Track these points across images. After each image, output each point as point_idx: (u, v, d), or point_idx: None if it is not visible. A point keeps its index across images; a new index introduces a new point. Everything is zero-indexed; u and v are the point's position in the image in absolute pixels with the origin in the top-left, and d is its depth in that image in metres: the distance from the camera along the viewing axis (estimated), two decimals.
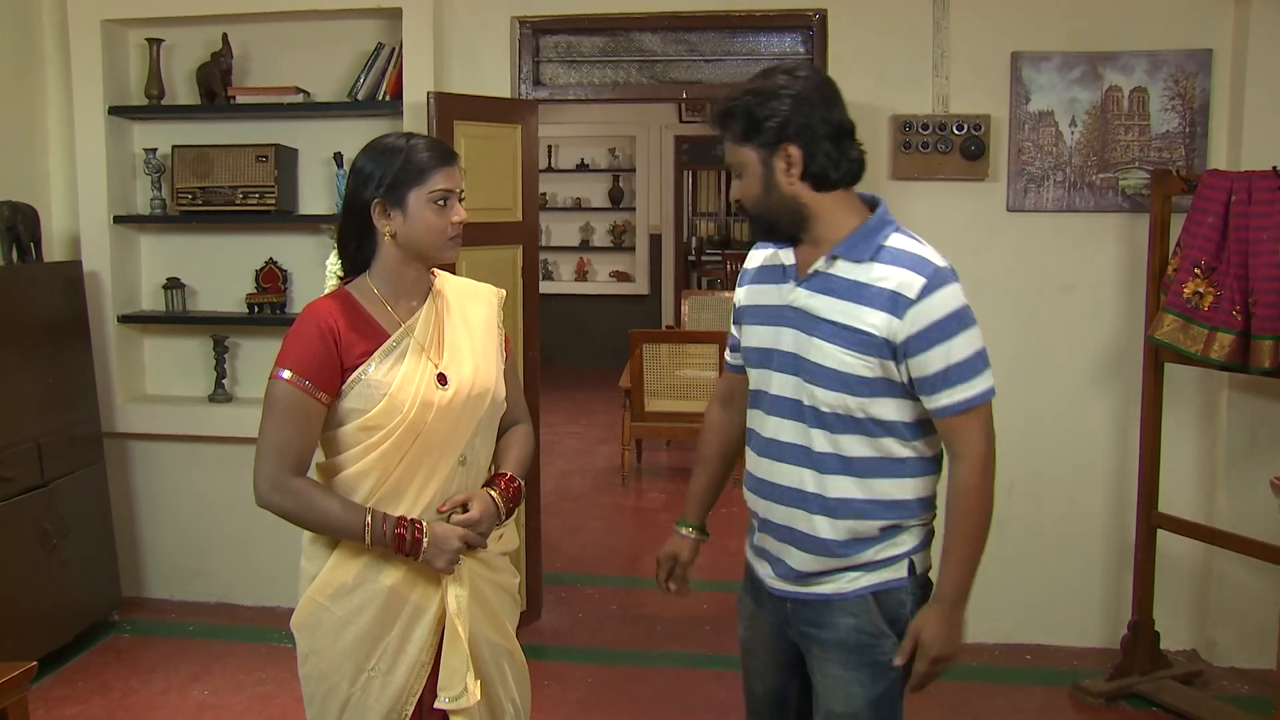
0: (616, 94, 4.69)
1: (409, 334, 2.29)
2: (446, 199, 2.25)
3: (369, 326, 2.27)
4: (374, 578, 2.26)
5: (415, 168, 2.23)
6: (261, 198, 4.53)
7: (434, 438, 2.27)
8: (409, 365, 2.26)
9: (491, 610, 2.40)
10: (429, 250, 2.28)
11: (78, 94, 4.53)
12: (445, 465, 2.30)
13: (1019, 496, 4.38)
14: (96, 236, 4.60)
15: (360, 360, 2.24)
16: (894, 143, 4.29)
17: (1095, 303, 4.29)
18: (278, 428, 2.20)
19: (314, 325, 2.23)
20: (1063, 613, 4.41)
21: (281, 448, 2.19)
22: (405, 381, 2.24)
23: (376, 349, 2.25)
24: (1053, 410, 4.35)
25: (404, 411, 2.23)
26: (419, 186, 2.23)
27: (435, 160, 2.25)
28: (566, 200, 11.41)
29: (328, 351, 2.21)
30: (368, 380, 2.23)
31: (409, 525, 2.22)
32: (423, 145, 2.26)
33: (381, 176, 2.23)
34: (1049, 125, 4.21)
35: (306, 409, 2.20)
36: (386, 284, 2.31)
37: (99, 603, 4.50)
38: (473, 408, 2.32)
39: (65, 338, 4.36)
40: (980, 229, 4.31)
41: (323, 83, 4.63)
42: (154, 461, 4.80)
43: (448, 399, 2.27)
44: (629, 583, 5.28)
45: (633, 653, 4.45)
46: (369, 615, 2.26)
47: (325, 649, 2.28)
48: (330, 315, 2.25)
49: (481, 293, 2.48)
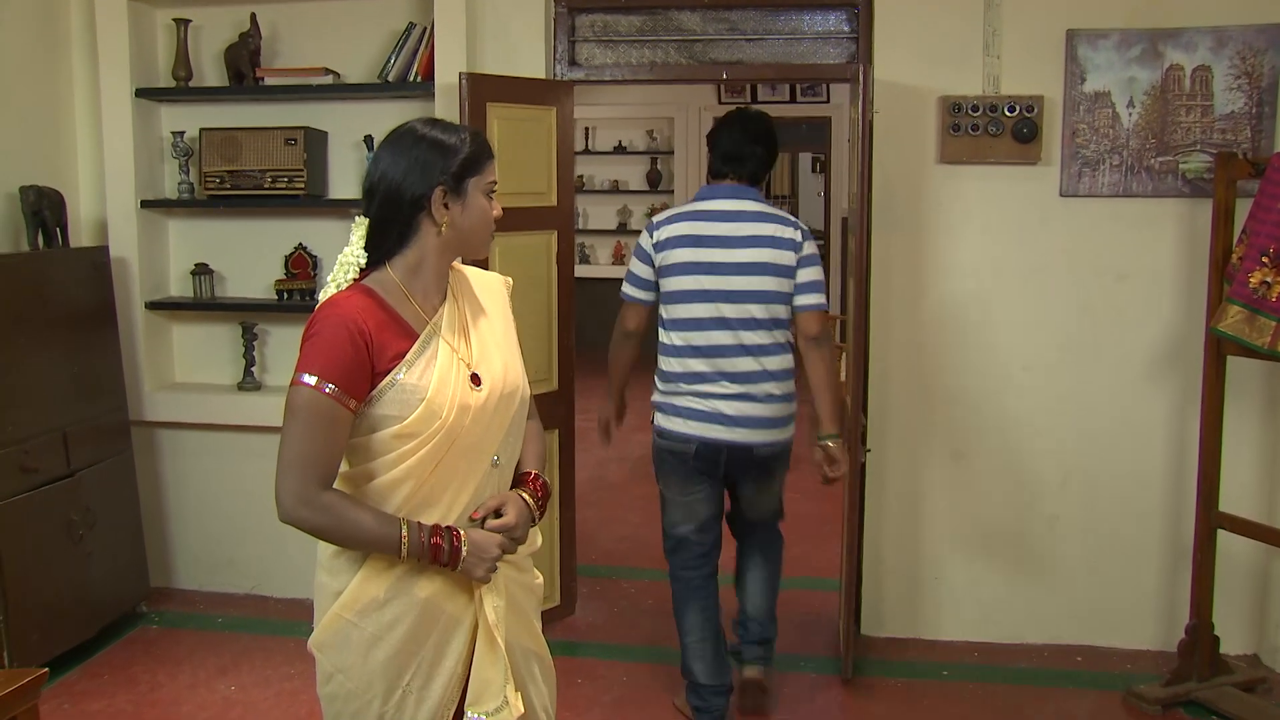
0: (654, 75, 4.55)
1: (437, 332, 2.15)
2: (494, 191, 2.20)
3: (399, 325, 2.12)
4: (408, 590, 2.13)
5: (476, 156, 2.15)
6: (290, 181, 4.43)
7: (469, 440, 2.14)
8: (442, 367, 2.12)
9: (524, 613, 2.29)
10: (478, 242, 2.19)
11: (104, 76, 4.45)
12: (479, 468, 2.17)
13: (1071, 492, 4.24)
14: (123, 222, 4.52)
15: (393, 363, 2.08)
16: (942, 125, 4.13)
17: (1152, 292, 4.11)
18: (302, 438, 2.03)
19: (342, 326, 2.05)
20: (1115, 614, 4.25)
21: (308, 460, 2.03)
22: (442, 384, 2.10)
23: (409, 350, 2.11)
24: (1107, 404, 4.19)
25: (443, 417, 2.09)
26: (478, 176, 2.14)
27: (488, 151, 2.20)
28: (604, 183, 11.28)
29: (358, 355, 2.04)
30: (401, 385, 2.08)
31: (446, 534, 2.09)
32: (475, 135, 2.19)
33: (445, 165, 2.11)
34: (1105, 106, 4.03)
35: (334, 417, 2.04)
36: (416, 278, 2.16)
37: (126, 594, 4.43)
38: (505, 406, 2.20)
39: (92, 325, 4.28)
40: (1032, 215, 4.15)
41: (353, 64, 4.53)
42: (183, 450, 4.73)
43: (483, 400, 2.15)
44: (665, 576, 5.12)
45: (669, 650, 4.30)
46: (403, 630, 2.14)
47: (353, 667, 2.15)
48: (360, 315, 2.07)
49: (493, 283, 2.37)
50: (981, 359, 4.24)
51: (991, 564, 4.32)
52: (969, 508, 4.32)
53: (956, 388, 4.26)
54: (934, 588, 4.37)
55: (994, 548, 4.31)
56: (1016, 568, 4.31)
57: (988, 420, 4.26)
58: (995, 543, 4.31)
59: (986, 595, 4.34)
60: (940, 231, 4.19)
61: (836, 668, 4.13)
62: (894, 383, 4.29)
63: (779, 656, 4.20)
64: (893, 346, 4.28)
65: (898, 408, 4.30)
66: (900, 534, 4.36)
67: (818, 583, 4.99)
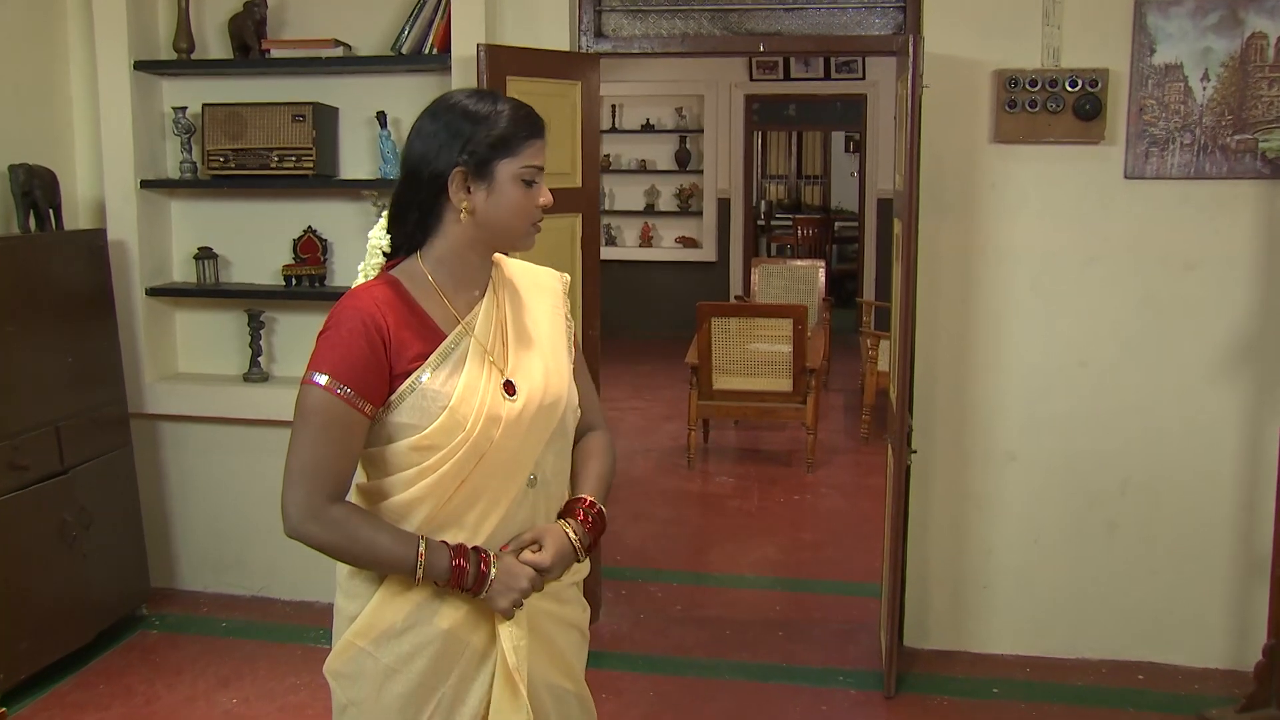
0: (686, 47, 4.25)
1: (469, 333, 1.90)
2: (536, 178, 1.88)
3: (423, 323, 1.89)
4: (428, 619, 1.89)
5: (510, 135, 1.85)
6: (299, 160, 4.18)
7: (501, 456, 1.89)
8: (471, 372, 1.87)
9: (557, 651, 2.02)
10: (509, 236, 1.91)
11: (100, 47, 4.19)
12: (512, 488, 1.92)
13: (1132, 498, 3.95)
14: (122, 203, 4.28)
15: (414, 365, 1.85)
16: (997, 102, 3.83)
17: (1225, 281, 3.80)
18: (312, 445, 1.81)
19: (359, 321, 1.83)
20: (1181, 629, 3.96)
21: (317, 469, 1.81)
22: (468, 392, 1.86)
23: (433, 351, 1.87)
24: (1172, 403, 3.90)
25: (467, 429, 1.85)
26: (510, 159, 1.85)
27: (531, 130, 1.88)
28: (631, 162, 10.96)
29: (375, 354, 1.82)
30: (422, 390, 1.85)
31: (472, 555, 1.85)
32: (516, 109, 1.88)
33: (468, 140, 1.84)
34: (1177, 80, 3.71)
35: (347, 423, 1.82)
36: (446, 270, 1.92)
37: (125, 597, 4.20)
38: (544, 419, 1.93)
39: (88, 312, 4.04)
40: (1093, 198, 3.85)
41: (364, 35, 4.26)
42: (186, 444, 4.50)
43: (517, 411, 1.89)
44: (695, 579, 4.90)
45: (698, 661, 4.08)
46: (422, 664, 1.90)
47: (367, 701, 1.92)
48: (379, 309, 1.85)
49: (544, 279, 2.10)
50: (1036, 354, 3.96)
51: (1045, 572, 4.05)
52: (1021, 512, 4.04)
53: (1009, 384, 3.98)
54: (983, 597, 4.10)
55: (1048, 555, 4.04)
56: (1072, 577, 4.03)
57: (1042, 420, 3.98)
58: (1049, 550, 4.03)
59: (1039, 606, 4.07)
60: (993, 216, 3.90)
61: (878, 683, 3.86)
62: (941, 378, 4.01)
63: (813, 670, 3.95)
64: (940, 339, 4.00)
65: (945, 405, 4.02)
66: (947, 539, 4.09)
67: (855, 588, 4.73)
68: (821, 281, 8.21)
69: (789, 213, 11.38)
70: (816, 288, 8.17)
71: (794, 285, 8.22)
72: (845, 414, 7.80)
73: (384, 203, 4.21)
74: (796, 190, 11.66)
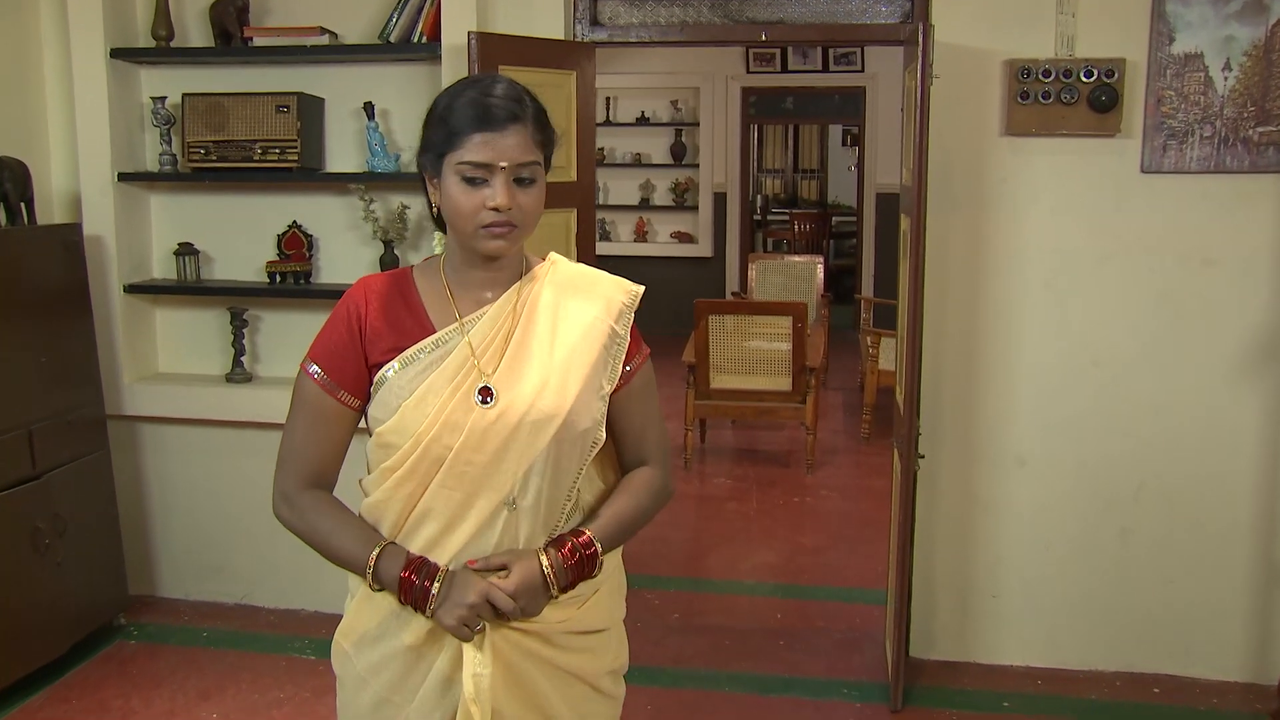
0: (685, 36, 4.09)
1: (463, 334, 1.76)
2: (482, 176, 1.68)
3: (412, 316, 1.79)
4: (395, 632, 1.77)
5: (452, 127, 1.69)
6: (283, 153, 4.03)
7: (467, 470, 1.73)
8: (443, 373, 1.74)
9: (540, 697, 1.81)
10: (461, 238, 1.76)
11: (75, 34, 4.02)
12: (484, 507, 1.75)
13: (1147, 503, 3.82)
14: (98, 196, 4.12)
15: (386, 357, 1.76)
16: (1008, 93, 3.69)
17: (1245, 279, 3.66)
18: (296, 428, 1.81)
19: (344, 308, 1.81)
20: (1197, 639, 3.82)
21: (293, 453, 1.79)
22: (429, 392, 1.73)
23: (409, 346, 1.76)
24: (1190, 405, 3.76)
25: (418, 431, 1.72)
26: (453, 152, 1.69)
27: (477, 121, 1.68)
28: (625, 156, 10.78)
29: (352, 340, 1.78)
30: (390, 384, 1.76)
31: (422, 568, 1.72)
32: (473, 95, 1.70)
33: (427, 131, 1.76)
34: (1197, 70, 3.57)
35: (323, 410, 1.78)
36: (453, 268, 1.82)
37: (102, 606, 4.04)
38: (529, 436, 1.74)
39: (63, 310, 3.88)
40: (1108, 194, 3.71)
41: (351, 23, 4.10)
42: (166, 447, 4.34)
43: (489, 421, 1.72)
44: (692, 585, 4.76)
45: (697, 673, 3.93)
46: (387, 677, 1.79)
47: (348, 705, 1.86)
48: (365, 296, 1.80)
49: (601, 288, 1.87)
50: (1048, 354, 3.81)
51: (1056, 581, 3.91)
52: (1031, 518, 3.90)
53: (1019, 386, 3.84)
54: (992, 606, 3.96)
55: (1059, 563, 3.90)
56: (1084, 586, 3.89)
57: (1053, 422, 3.84)
58: (1061, 557, 3.90)
59: (1051, 616, 3.93)
60: (1003, 211, 3.76)
61: (883, 695, 3.73)
62: (949, 379, 3.87)
63: (816, 682, 3.81)
64: (948, 339, 3.85)
65: (953, 407, 3.88)
66: (954, 546, 3.95)
67: (858, 594, 4.59)
68: (820, 277, 8.07)
69: (785, 207, 11.23)
70: (815, 284, 8.03)
71: (791, 281, 8.07)
72: (845, 413, 7.66)
73: (371, 196, 4.06)
74: (793, 185, 11.51)
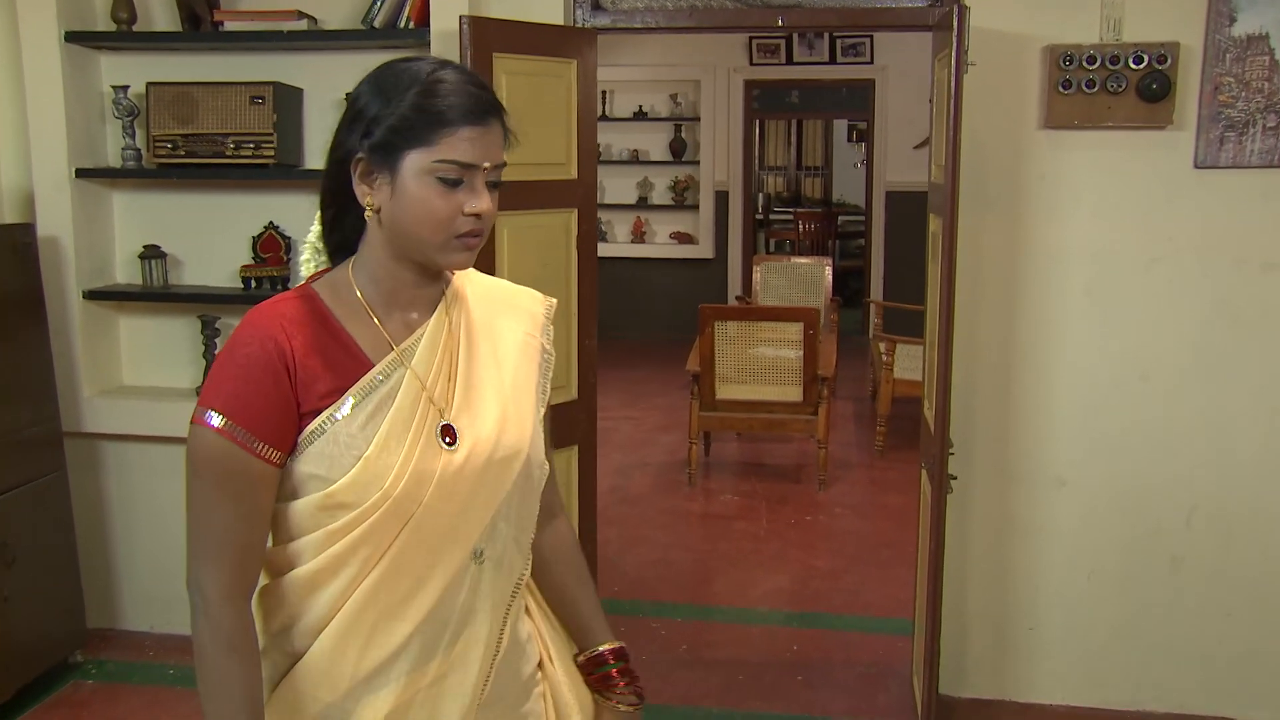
0: (695, 21, 3.77)
1: (404, 363, 1.47)
2: (462, 177, 1.40)
3: (345, 349, 1.46)
4: None
5: (422, 117, 1.39)
6: (258, 148, 3.75)
7: (435, 522, 1.45)
8: (398, 413, 1.44)
9: None
10: (421, 248, 1.44)
11: (24, 15, 3.72)
12: (451, 563, 1.48)
13: (1200, 530, 3.54)
14: (54, 194, 3.82)
15: (326, 402, 1.43)
16: (1049, 82, 3.40)
17: None
18: (210, 503, 1.41)
19: (258, 344, 1.42)
20: (1258, 680, 3.54)
21: (216, 539, 1.41)
22: (390, 439, 1.43)
23: (351, 385, 1.44)
24: (1246, 422, 3.48)
25: (386, 485, 1.41)
26: (421, 149, 1.39)
27: (460, 114, 1.41)
28: (623, 153, 10.44)
29: (278, 387, 1.41)
30: (334, 434, 1.42)
31: None
32: (451, 83, 1.41)
33: (373, 119, 1.41)
34: (1261, 54, 3.26)
35: (248, 475, 1.40)
36: (374, 283, 1.50)
37: (56, 643, 3.73)
38: (495, 477, 1.50)
39: (14, 318, 3.58)
40: (1157, 192, 3.43)
41: (331, 6, 3.82)
42: (129, 467, 4.04)
43: (457, 465, 1.46)
44: (701, 613, 4.43)
45: (709, 712, 3.63)
46: None
47: None
48: (281, 328, 1.44)
49: (522, 301, 1.67)
50: (1091, 367, 3.53)
51: (1099, 613, 3.63)
52: (1072, 544, 3.62)
53: (1059, 401, 3.56)
54: (1028, 639, 3.68)
55: (1102, 593, 3.62)
56: (1131, 618, 3.61)
57: (1097, 440, 3.56)
58: (1104, 587, 3.62)
59: (1092, 651, 3.65)
60: (1042, 211, 3.48)
61: None
62: (983, 394, 3.57)
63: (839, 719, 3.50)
64: (982, 350, 3.56)
65: (987, 424, 3.59)
66: (988, 574, 3.68)
67: (879, 624, 4.27)
68: (828, 280, 7.76)
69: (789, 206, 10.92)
70: (822, 287, 7.72)
71: (798, 285, 7.76)
72: (856, 424, 7.34)
73: None
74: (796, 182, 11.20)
